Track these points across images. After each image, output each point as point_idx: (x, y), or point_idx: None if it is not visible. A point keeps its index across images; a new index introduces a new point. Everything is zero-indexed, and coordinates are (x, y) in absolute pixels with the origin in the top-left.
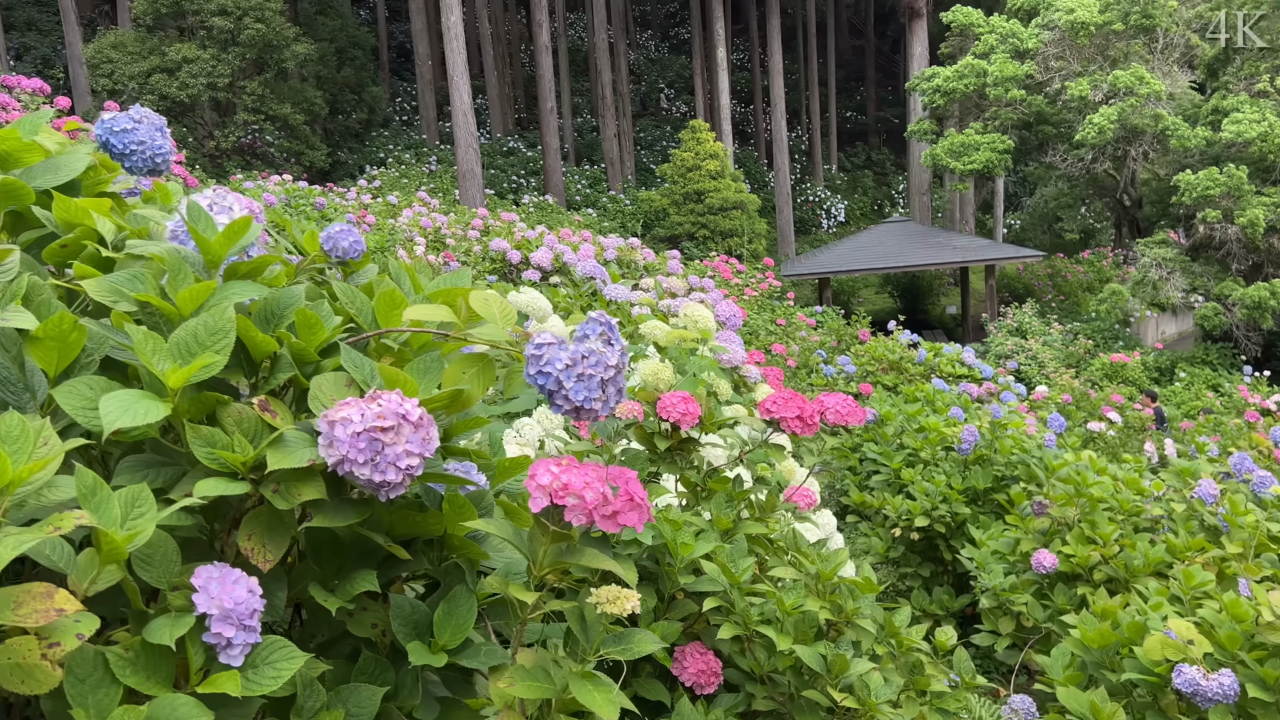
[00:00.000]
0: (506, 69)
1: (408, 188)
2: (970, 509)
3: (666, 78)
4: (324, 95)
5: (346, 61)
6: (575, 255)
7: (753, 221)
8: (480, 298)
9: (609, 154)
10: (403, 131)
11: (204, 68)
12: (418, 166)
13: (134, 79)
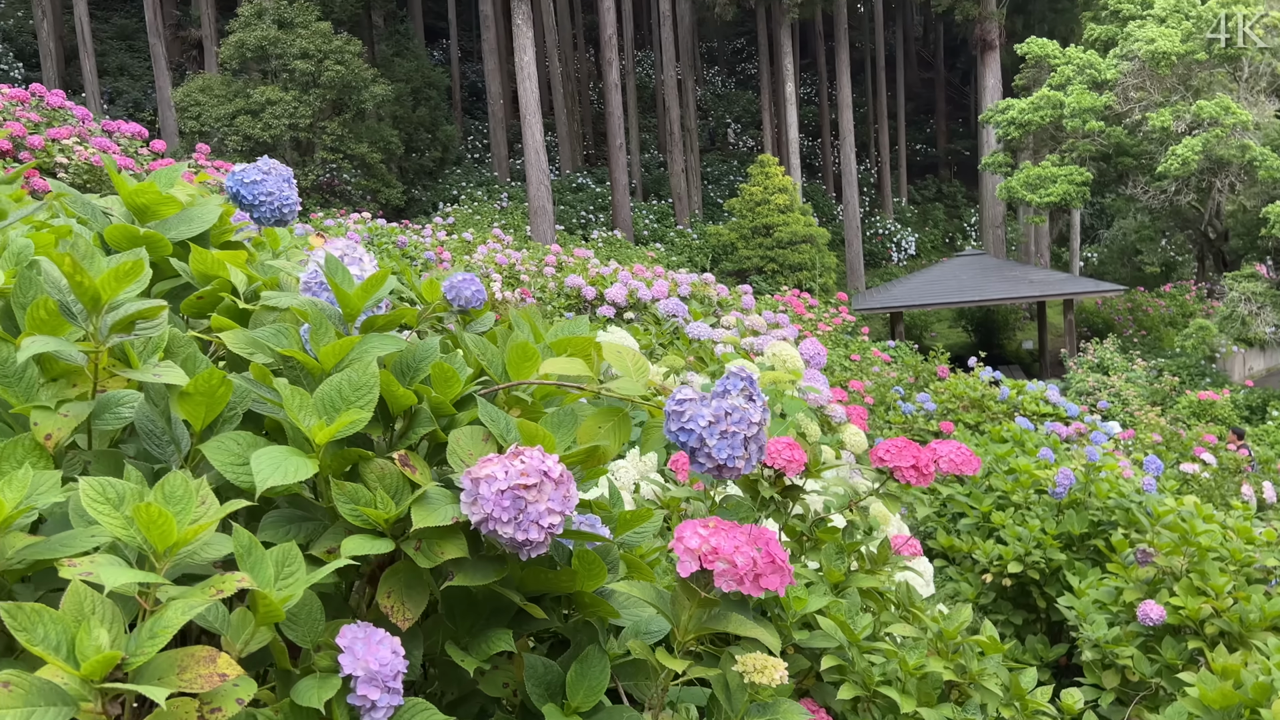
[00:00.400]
0: (575, 106)
1: (480, 224)
2: (1065, 555)
3: (733, 112)
4: (400, 134)
5: (422, 101)
6: (649, 291)
7: (822, 255)
8: (613, 350)
9: (676, 189)
10: (474, 169)
11: (286, 109)
12: (489, 203)
13: (220, 120)
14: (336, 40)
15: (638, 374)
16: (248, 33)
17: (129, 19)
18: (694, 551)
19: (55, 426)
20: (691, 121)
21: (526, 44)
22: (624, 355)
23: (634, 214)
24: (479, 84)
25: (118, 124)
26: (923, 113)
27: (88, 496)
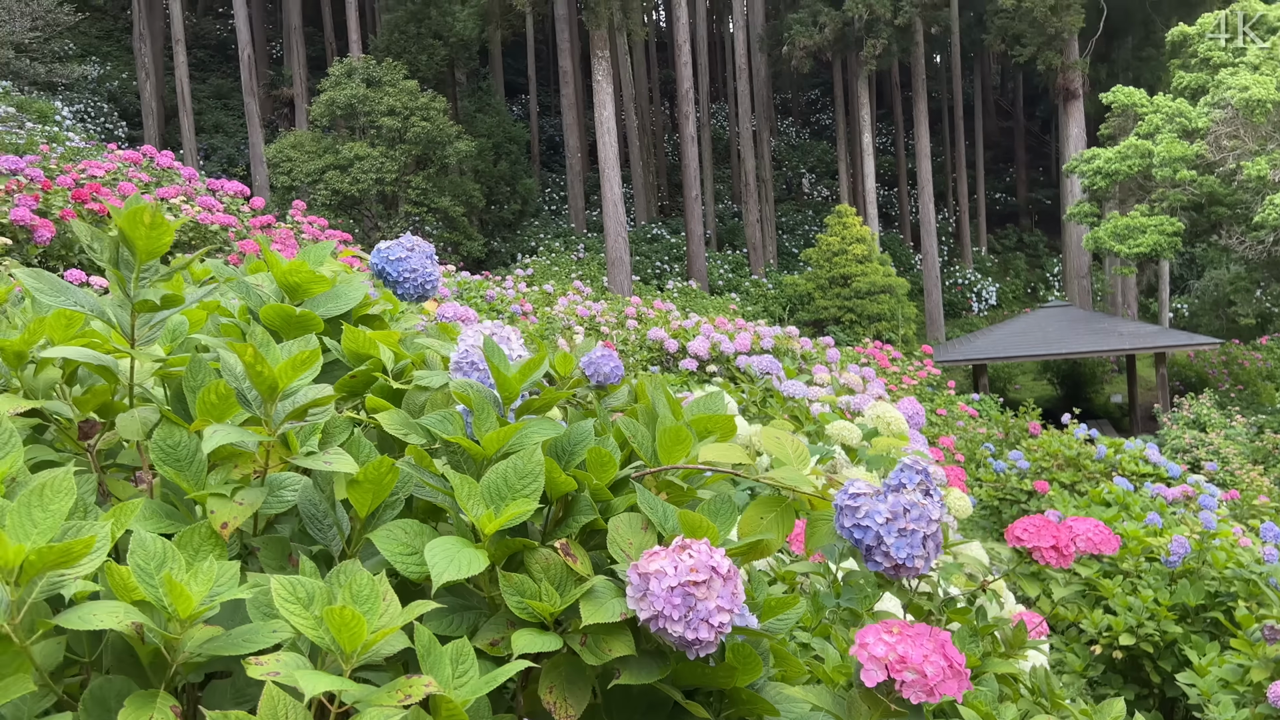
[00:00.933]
0: (650, 158)
1: (559, 275)
2: (1181, 628)
3: (808, 163)
4: (481, 188)
5: (503, 156)
6: (732, 344)
7: (901, 305)
8: (772, 435)
9: (751, 239)
10: (551, 220)
11: (373, 164)
12: (566, 254)
13: (310, 175)
14: (422, 98)
15: (799, 461)
16: (338, 91)
17: (225, 79)
18: (880, 660)
19: (231, 515)
20: (767, 172)
21: (606, 99)
22: (783, 441)
23: (709, 264)
24: (556, 137)
25: (221, 182)
26: (1002, 161)
27: (279, 596)
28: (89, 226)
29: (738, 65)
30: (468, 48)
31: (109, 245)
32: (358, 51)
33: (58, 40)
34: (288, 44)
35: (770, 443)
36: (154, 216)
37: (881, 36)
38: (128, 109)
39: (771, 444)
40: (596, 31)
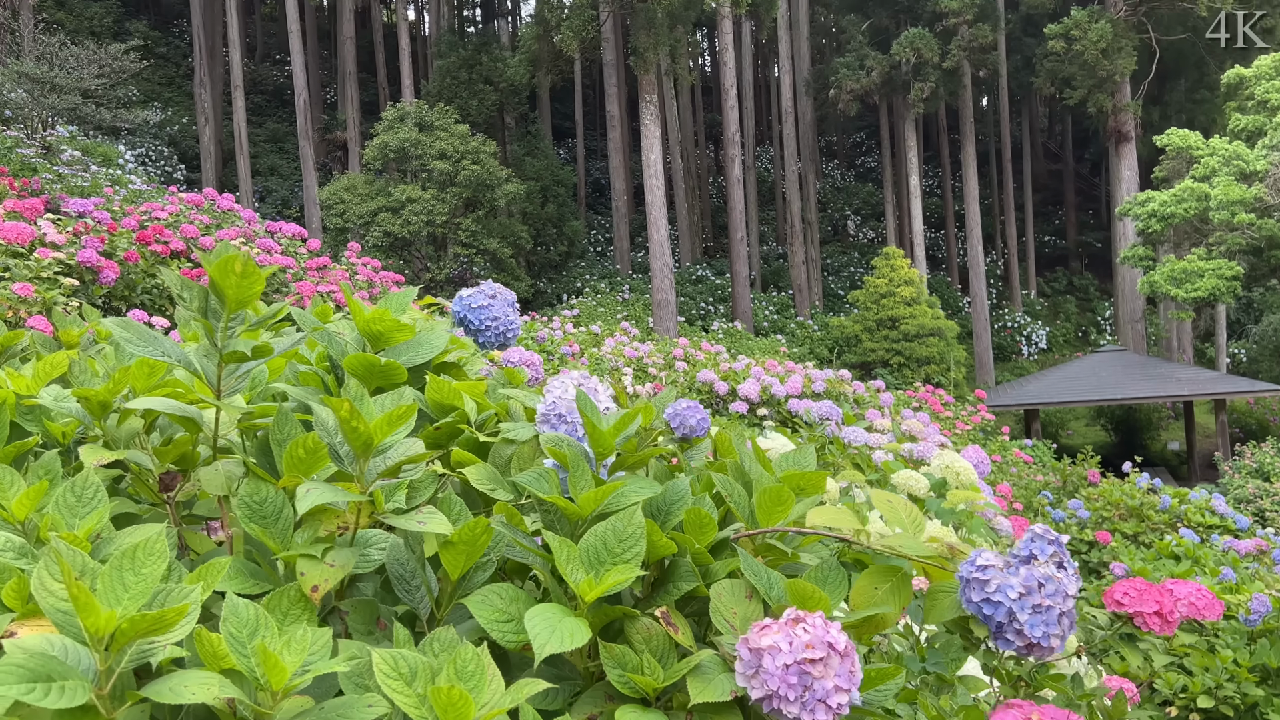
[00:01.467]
0: (695, 200)
1: (605, 316)
2: (1262, 690)
3: (853, 205)
4: (529, 230)
5: (550, 198)
6: (783, 387)
7: (951, 349)
8: (883, 498)
9: (796, 280)
10: (596, 261)
11: (425, 206)
12: (612, 295)
13: (362, 217)
14: (473, 141)
15: (913, 526)
16: (391, 135)
17: (280, 123)
18: None
19: (322, 578)
20: (812, 214)
21: (653, 143)
22: (895, 505)
23: (754, 305)
24: (602, 180)
25: (279, 225)
26: (1050, 204)
27: (381, 671)
28: (179, 275)
29: (783, 109)
30: (517, 92)
31: (198, 295)
32: (410, 96)
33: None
34: (342, 89)
35: (882, 505)
36: (245, 265)
37: (929, 80)
38: (186, 152)
39: (884, 507)
40: (644, 76)
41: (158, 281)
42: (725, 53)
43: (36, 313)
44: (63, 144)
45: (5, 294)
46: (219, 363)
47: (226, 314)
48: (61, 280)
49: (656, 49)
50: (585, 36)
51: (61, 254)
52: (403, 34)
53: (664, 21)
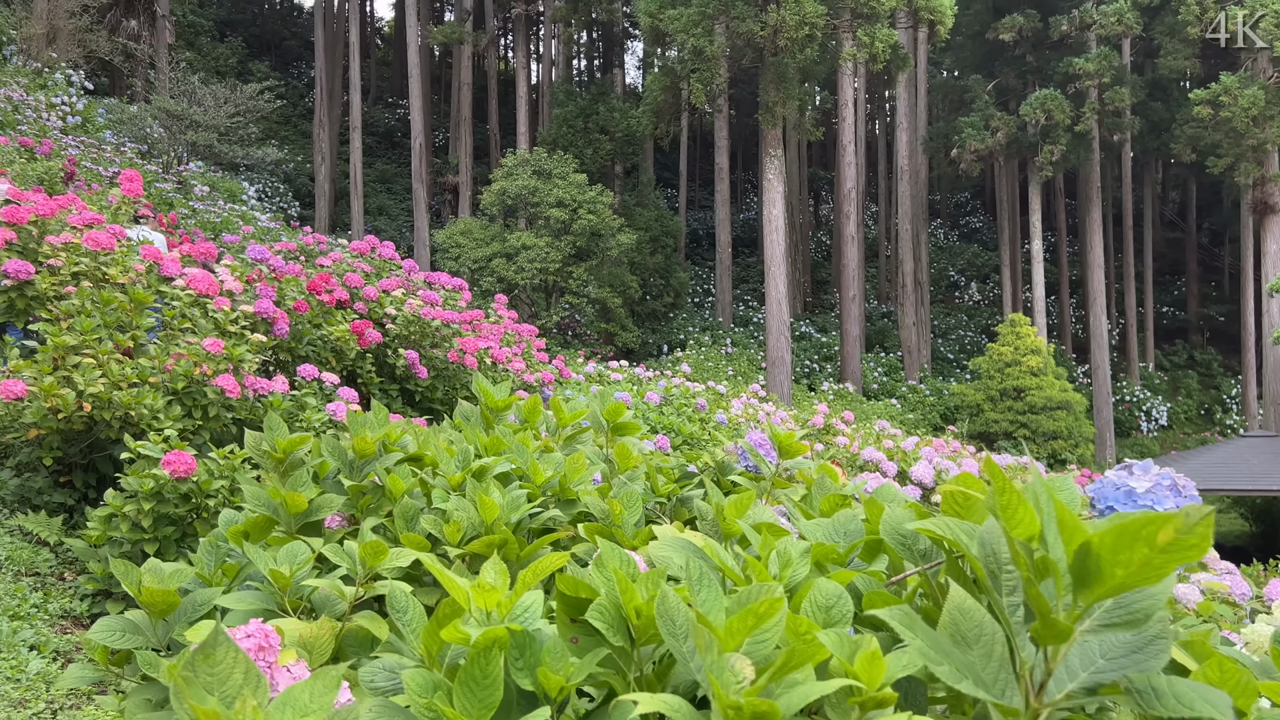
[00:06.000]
0: (798, 255)
1: (714, 371)
2: None
3: (957, 265)
4: (637, 279)
5: (659, 248)
6: (959, 469)
7: (1080, 423)
8: None
9: (906, 342)
10: (695, 313)
11: (539, 254)
12: (715, 348)
13: (477, 262)
14: (590, 191)
15: None
16: (510, 181)
17: (389, 165)
18: None
19: None
20: (924, 275)
21: (776, 197)
22: None
23: (862, 366)
24: (700, 230)
25: (439, 275)
26: (1168, 273)
27: None
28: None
29: (899, 166)
30: (632, 142)
31: None
32: (524, 144)
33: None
34: (455, 133)
35: None
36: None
37: (1059, 142)
38: (300, 190)
39: None
40: (771, 130)
41: (323, 333)
42: (845, 108)
43: (223, 370)
44: (194, 179)
45: (194, 350)
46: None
47: None
48: (248, 335)
49: (785, 103)
50: (714, 89)
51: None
52: (521, 83)
53: (795, 76)
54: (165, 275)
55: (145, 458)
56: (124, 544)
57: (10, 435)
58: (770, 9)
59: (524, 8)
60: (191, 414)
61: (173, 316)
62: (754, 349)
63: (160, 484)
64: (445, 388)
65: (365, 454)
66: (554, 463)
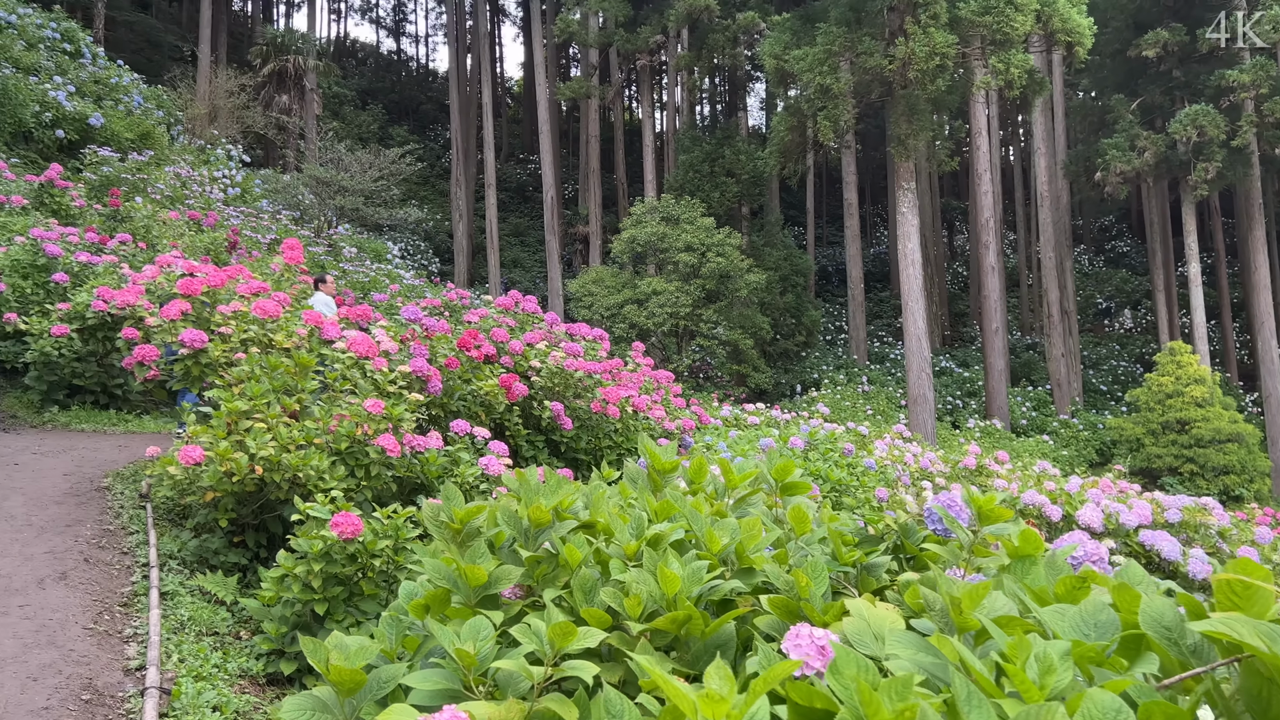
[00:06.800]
0: (933, 288)
1: (850, 410)
2: None
3: (1104, 292)
4: (768, 319)
5: (789, 288)
6: (1131, 514)
7: (1254, 456)
8: None
9: (1055, 375)
10: (827, 351)
11: (670, 298)
12: (850, 387)
13: (609, 309)
14: (718, 234)
15: None
16: (639, 229)
17: (521, 218)
18: None
19: None
20: (1071, 304)
21: (910, 231)
22: None
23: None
24: (829, 267)
25: (579, 326)
26: None
27: None
28: None
29: (1038, 193)
30: (758, 183)
31: None
32: (651, 191)
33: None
34: (584, 185)
35: None
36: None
37: (1214, 159)
38: (439, 246)
39: None
40: (903, 164)
41: (473, 388)
42: (978, 136)
43: (383, 430)
44: (343, 241)
45: (356, 411)
46: None
47: None
48: (406, 395)
49: (917, 136)
50: (842, 126)
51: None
52: (646, 132)
53: (926, 108)
54: (326, 338)
55: (314, 519)
56: (295, 604)
57: (189, 498)
58: (898, 42)
59: (648, 59)
60: (354, 473)
61: (335, 378)
62: (892, 386)
63: (328, 545)
64: (589, 437)
65: (540, 523)
66: (729, 529)
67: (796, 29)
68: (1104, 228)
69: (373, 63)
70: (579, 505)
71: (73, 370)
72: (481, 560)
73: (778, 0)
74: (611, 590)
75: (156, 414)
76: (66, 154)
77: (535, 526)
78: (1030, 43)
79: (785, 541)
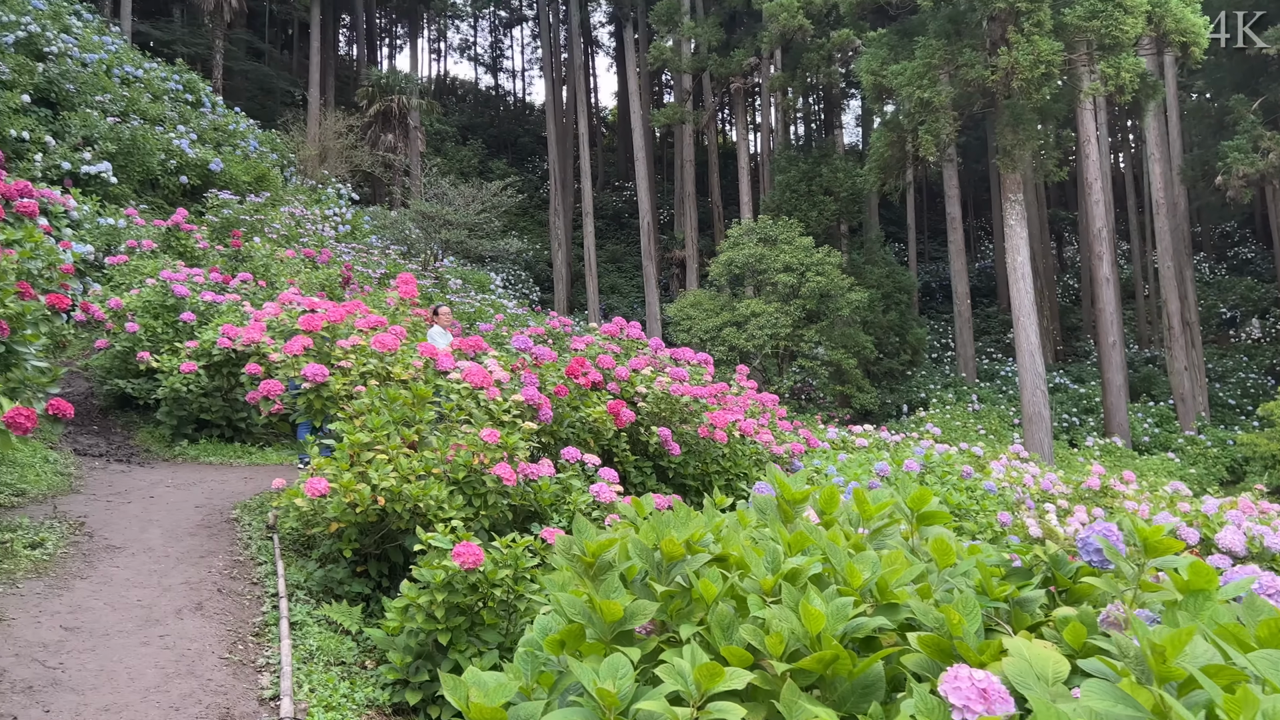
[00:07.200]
0: (1044, 301)
1: (961, 430)
2: None
3: (1228, 301)
4: (871, 338)
5: (892, 305)
6: (1276, 536)
7: None
8: None
9: (1177, 389)
10: (933, 369)
11: (769, 320)
12: (960, 406)
13: (708, 332)
14: (817, 254)
15: None
16: (736, 251)
17: (617, 245)
18: None
19: None
20: (1193, 315)
21: (1020, 244)
22: None
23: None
24: (931, 283)
25: (683, 351)
26: None
27: None
28: None
29: (1153, 200)
30: (857, 201)
31: None
32: (747, 213)
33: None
34: (679, 209)
35: None
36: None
37: None
38: (539, 275)
39: None
40: (1009, 176)
41: (581, 415)
42: (1087, 144)
43: (499, 459)
44: (448, 273)
45: (472, 440)
46: None
47: None
48: (520, 424)
49: (1023, 146)
50: (943, 140)
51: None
52: (741, 154)
53: (1031, 118)
54: (440, 369)
55: (435, 549)
56: (419, 634)
57: (315, 529)
58: (1000, 52)
59: (741, 81)
60: (471, 502)
61: (450, 409)
62: (1003, 404)
63: (450, 575)
64: (696, 463)
65: (673, 556)
66: (869, 562)
67: (893, 44)
68: (1225, 234)
69: (472, 99)
70: (708, 538)
71: (200, 405)
72: (616, 595)
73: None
74: (751, 627)
75: (278, 445)
76: (189, 198)
77: (668, 560)
78: (1140, 45)
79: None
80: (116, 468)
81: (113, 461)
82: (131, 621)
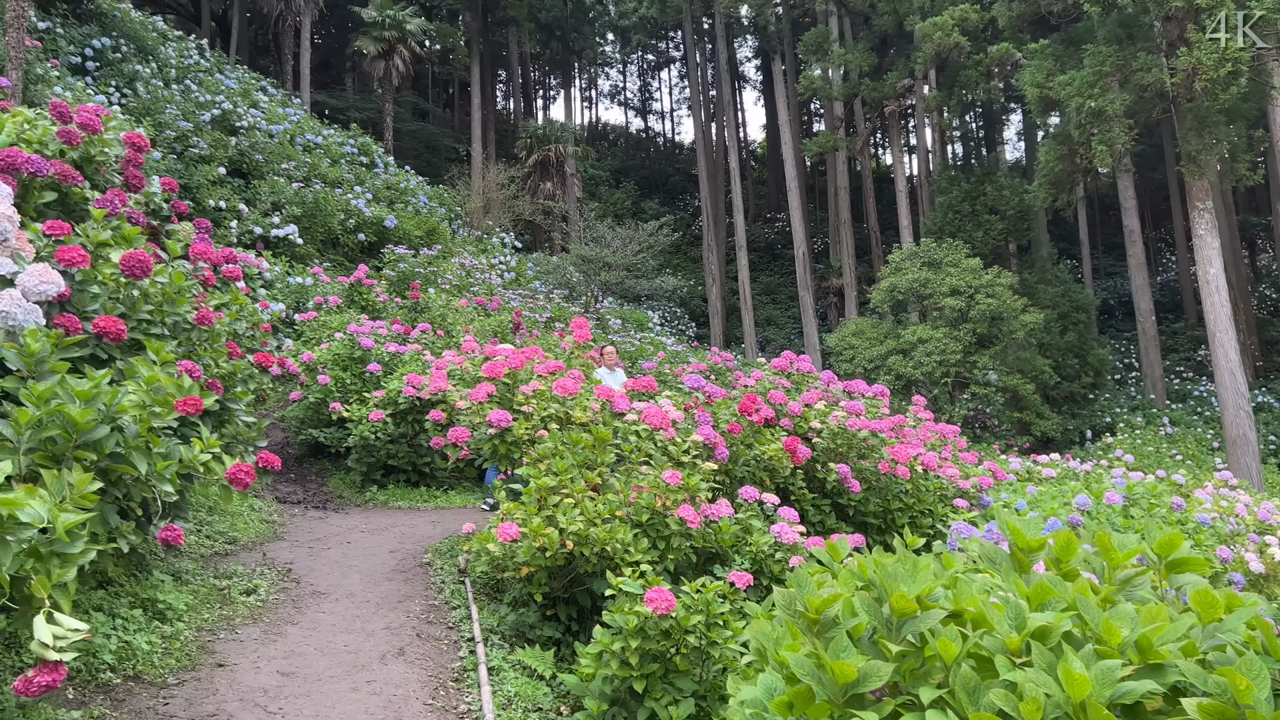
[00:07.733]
0: (1238, 313)
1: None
2: None
3: None
4: (1049, 362)
5: (1069, 326)
6: None
7: None
8: None
9: None
10: (1119, 392)
11: (937, 346)
12: (1150, 430)
13: (872, 361)
14: (986, 275)
15: None
16: (898, 276)
17: (771, 276)
18: None
19: None
20: None
21: (1211, 255)
22: None
23: None
24: (1108, 300)
25: (856, 384)
26: None
27: None
28: None
29: None
30: (1024, 218)
31: None
32: (907, 237)
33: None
34: (834, 237)
35: None
36: None
37: None
38: (694, 310)
39: None
40: (1197, 183)
41: (756, 453)
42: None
43: (681, 500)
44: (608, 314)
45: (654, 482)
46: None
47: None
48: (699, 464)
49: (1210, 151)
50: (1118, 149)
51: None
52: (898, 177)
53: (1218, 120)
54: (616, 411)
55: (625, 594)
56: (614, 680)
57: (506, 573)
58: (1180, 53)
59: (895, 104)
60: (655, 544)
61: (630, 450)
62: (1199, 427)
63: (643, 620)
64: (877, 500)
65: (904, 613)
66: (1126, 617)
67: (1058, 54)
68: None
69: (623, 142)
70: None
71: (387, 451)
72: (845, 654)
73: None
74: (1002, 691)
75: (460, 489)
76: (366, 254)
77: (898, 616)
78: None
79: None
80: (314, 514)
81: (310, 508)
82: (340, 667)
